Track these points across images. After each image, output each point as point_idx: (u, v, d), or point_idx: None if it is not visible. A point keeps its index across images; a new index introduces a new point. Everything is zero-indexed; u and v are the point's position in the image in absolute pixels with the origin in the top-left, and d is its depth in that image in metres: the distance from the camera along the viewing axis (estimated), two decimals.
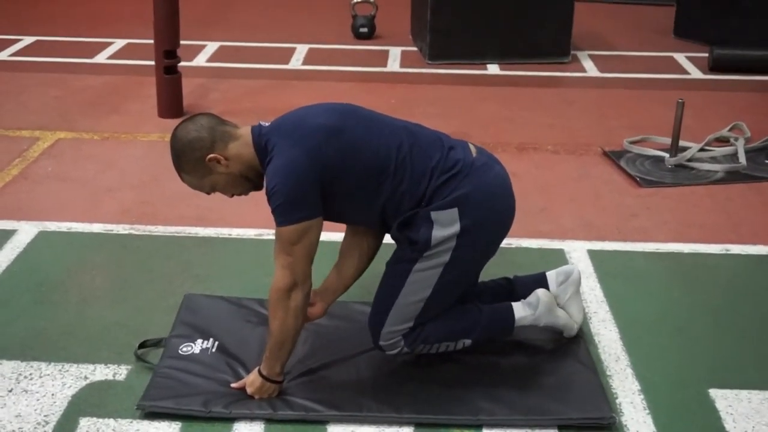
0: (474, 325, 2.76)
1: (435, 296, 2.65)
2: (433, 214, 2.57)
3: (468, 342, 2.76)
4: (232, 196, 2.70)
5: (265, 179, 2.50)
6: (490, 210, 2.64)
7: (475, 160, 2.65)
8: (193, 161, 2.57)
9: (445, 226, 2.56)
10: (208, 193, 2.70)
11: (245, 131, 2.59)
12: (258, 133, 2.55)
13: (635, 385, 2.78)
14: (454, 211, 2.57)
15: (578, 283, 2.97)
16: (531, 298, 2.85)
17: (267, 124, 2.59)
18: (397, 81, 6.17)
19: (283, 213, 2.45)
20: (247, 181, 2.61)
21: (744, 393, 2.75)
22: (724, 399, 2.72)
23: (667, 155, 4.62)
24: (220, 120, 2.62)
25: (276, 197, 2.44)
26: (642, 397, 2.73)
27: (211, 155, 2.54)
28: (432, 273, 2.62)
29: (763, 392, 2.75)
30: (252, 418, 2.58)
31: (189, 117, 2.65)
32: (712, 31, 6.85)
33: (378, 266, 2.79)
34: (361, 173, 2.53)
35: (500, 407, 2.63)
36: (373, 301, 2.73)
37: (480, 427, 2.58)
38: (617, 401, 2.71)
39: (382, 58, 6.66)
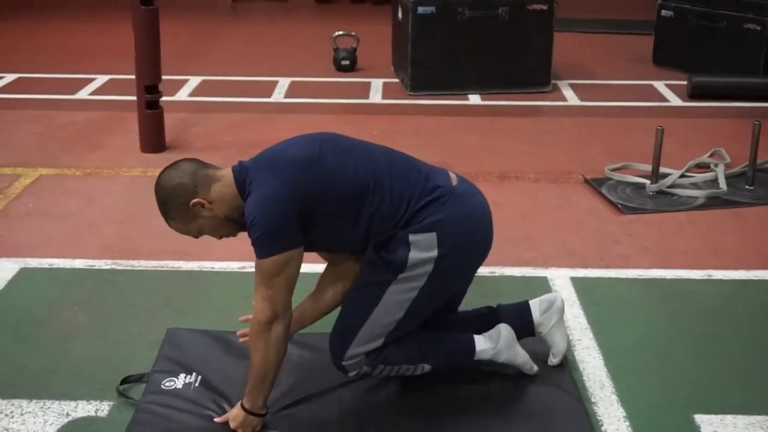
0: (434, 351, 2.76)
1: (406, 318, 2.65)
2: (411, 237, 2.57)
3: (427, 367, 2.76)
4: (221, 237, 2.71)
5: (245, 212, 2.50)
6: (470, 236, 2.65)
7: (455, 187, 2.67)
8: (178, 207, 2.58)
9: (423, 249, 2.57)
10: (196, 237, 2.71)
11: (227, 172, 2.60)
12: (238, 170, 2.57)
13: (620, 412, 2.78)
14: (432, 236, 2.57)
15: (562, 310, 2.97)
16: (493, 332, 2.84)
17: (247, 160, 2.60)
18: (379, 112, 6.20)
19: (264, 244, 2.45)
20: (233, 223, 2.62)
21: (729, 418, 2.75)
22: (709, 424, 2.72)
23: (648, 182, 4.65)
24: (202, 164, 2.63)
25: (256, 228, 2.45)
26: (627, 423, 2.72)
27: (195, 200, 2.55)
28: (406, 296, 2.62)
29: (748, 417, 2.75)
30: None
31: (171, 164, 2.67)
32: (691, 59, 6.93)
33: None
34: (340, 199, 2.54)
35: None
36: (338, 322, 2.71)
37: None
38: (603, 428, 2.70)
39: (364, 90, 6.70)
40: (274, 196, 2.46)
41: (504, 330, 2.83)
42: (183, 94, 6.50)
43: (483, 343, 2.82)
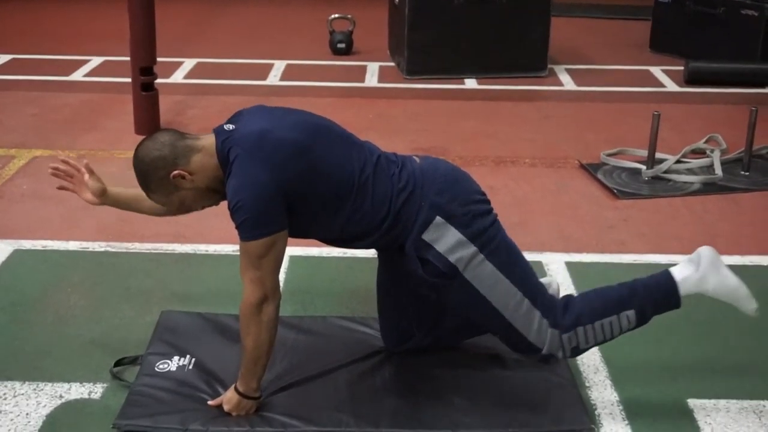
0: (632, 293, 2.60)
1: (515, 278, 2.57)
2: (425, 237, 2.52)
3: (632, 314, 2.57)
4: (203, 208, 2.68)
5: (227, 194, 2.46)
6: (462, 191, 2.59)
7: (421, 165, 2.63)
8: (158, 180, 2.54)
9: (443, 236, 2.51)
10: (178, 209, 2.68)
11: (207, 141, 2.55)
12: (221, 141, 2.50)
13: (614, 396, 2.78)
14: (438, 220, 2.52)
15: (557, 294, 2.96)
16: (692, 255, 2.61)
17: (231, 128, 2.53)
18: (375, 96, 6.18)
19: (250, 228, 2.42)
20: (214, 193, 2.58)
21: (722, 402, 2.76)
22: (702, 409, 2.73)
23: (643, 167, 4.65)
24: (181, 134, 2.59)
25: (240, 213, 2.41)
26: (621, 407, 2.73)
27: (175, 172, 2.51)
28: (487, 268, 2.53)
29: (741, 401, 2.76)
30: None
31: (148, 136, 2.62)
32: (688, 45, 6.92)
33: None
34: (322, 194, 2.50)
35: (479, 420, 2.62)
36: (501, 338, 2.67)
37: None
38: (596, 412, 2.70)
39: (360, 73, 6.67)
40: (258, 181, 2.40)
41: (705, 250, 2.60)
42: (178, 77, 6.47)
43: (683, 270, 2.60)
